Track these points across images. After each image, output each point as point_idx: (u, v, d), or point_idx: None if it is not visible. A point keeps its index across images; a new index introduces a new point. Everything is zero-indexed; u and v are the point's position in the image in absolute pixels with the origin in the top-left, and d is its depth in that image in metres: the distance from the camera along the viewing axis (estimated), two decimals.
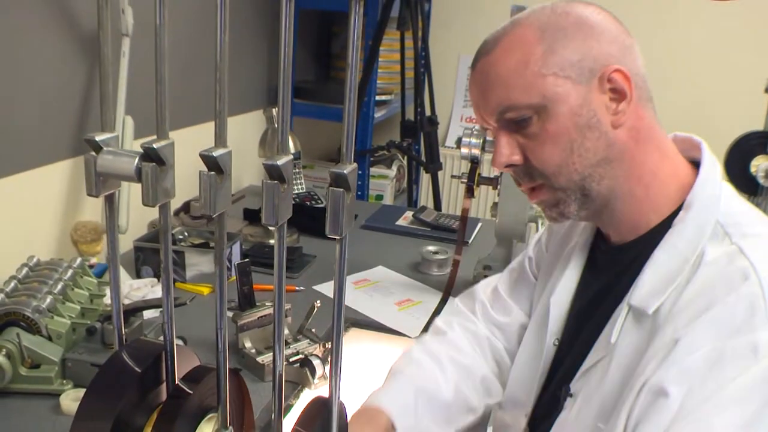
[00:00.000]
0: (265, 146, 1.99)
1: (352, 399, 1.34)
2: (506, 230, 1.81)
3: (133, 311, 1.38)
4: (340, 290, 0.69)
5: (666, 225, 0.96)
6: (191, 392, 0.74)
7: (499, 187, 1.80)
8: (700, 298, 0.88)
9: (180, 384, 0.75)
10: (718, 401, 0.81)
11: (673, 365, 0.85)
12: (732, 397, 0.81)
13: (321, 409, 0.72)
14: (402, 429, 1.12)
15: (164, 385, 0.76)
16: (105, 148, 0.71)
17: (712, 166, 0.99)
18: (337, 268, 0.68)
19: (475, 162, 1.80)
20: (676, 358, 0.85)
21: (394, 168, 3.21)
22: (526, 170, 1.00)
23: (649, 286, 0.94)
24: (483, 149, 1.79)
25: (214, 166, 0.66)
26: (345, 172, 0.62)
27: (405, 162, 3.27)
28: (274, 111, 1.98)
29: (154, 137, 0.68)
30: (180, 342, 1.31)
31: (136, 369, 0.74)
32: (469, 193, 1.81)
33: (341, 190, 0.63)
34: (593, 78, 0.95)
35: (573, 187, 0.98)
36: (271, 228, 0.63)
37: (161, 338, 0.76)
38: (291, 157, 0.64)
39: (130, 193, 1.78)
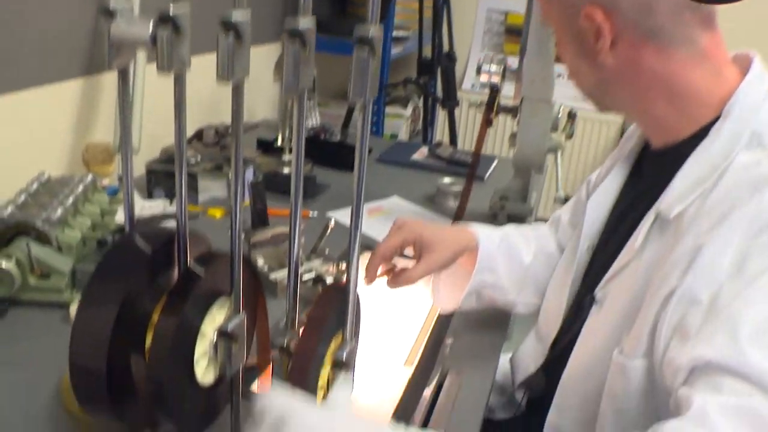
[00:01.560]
0: (281, 71, 1.95)
1: (366, 318, 1.33)
2: (525, 160, 1.77)
3: (149, 222, 1.37)
4: (360, 164, 0.66)
5: (704, 133, 0.95)
6: (202, 274, 0.72)
7: (518, 116, 1.76)
8: (724, 202, 0.86)
9: (192, 266, 0.73)
10: (748, 296, 0.79)
11: (700, 272, 0.84)
12: (762, 290, 0.79)
13: (336, 295, 0.69)
14: (483, 251, 1.25)
15: (175, 269, 0.74)
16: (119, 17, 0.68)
17: (759, 77, 0.97)
18: (358, 137, 0.65)
19: (494, 89, 1.76)
20: (702, 264, 0.84)
21: (410, 108, 3.16)
22: None
23: (676, 192, 0.93)
24: (503, 76, 1.75)
25: (233, 28, 0.63)
26: (369, 33, 0.60)
27: (420, 103, 3.22)
28: None
29: None
30: None
31: (147, 250, 0.72)
32: (488, 122, 1.78)
33: (366, 48, 0.60)
34: (576, 15, 0.97)
35: (585, 95, 1.07)
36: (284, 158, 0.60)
37: None
38: None
39: (143, 113, 1.75)
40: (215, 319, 0.73)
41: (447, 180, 2.00)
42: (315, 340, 0.65)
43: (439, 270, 1.24)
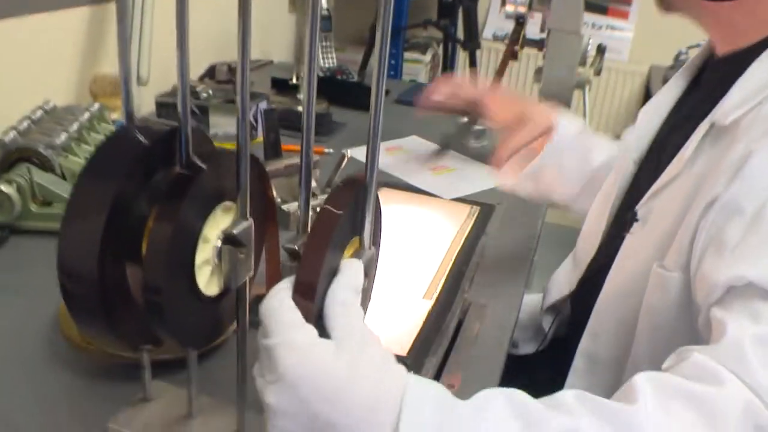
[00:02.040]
0: (296, 2, 1.87)
1: (384, 251, 1.26)
2: (550, 96, 1.69)
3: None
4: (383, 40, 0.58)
5: None
6: (205, 168, 0.65)
7: (544, 49, 1.67)
8: None
9: (194, 159, 0.66)
10: None
11: (748, 180, 0.77)
12: None
13: (351, 194, 0.62)
14: (559, 135, 1.22)
15: (176, 167, 0.67)
16: None
17: None
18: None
19: (520, 21, 1.68)
20: (750, 172, 0.77)
21: (429, 54, 3.07)
22: None
23: (734, 98, 0.85)
24: (530, 6, 1.67)
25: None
26: None
27: (440, 50, 3.12)
28: None
29: None
30: None
31: (144, 141, 0.65)
32: (512, 54, 1.70)
33: None
34: None
35: None
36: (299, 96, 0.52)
37: None
38: None
39: (153, 40, 1.68)
40: (219, 223, 0.67)
41: (467, 119, 1.92)
42: (326, 238, 0.58)
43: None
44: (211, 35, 2.23)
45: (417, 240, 1.30)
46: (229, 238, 0.66)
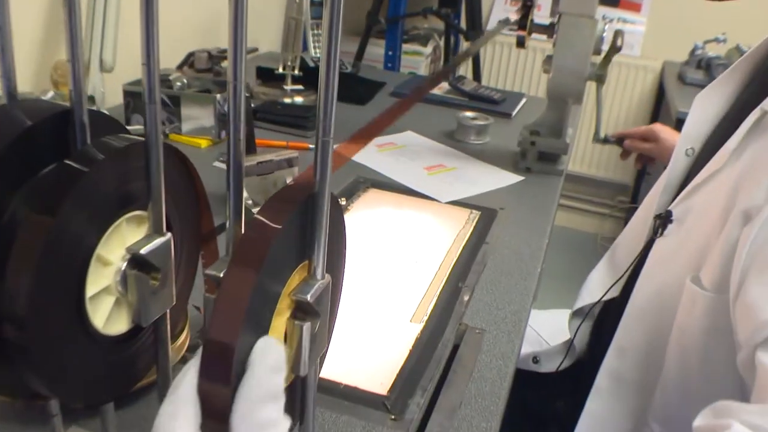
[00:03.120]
0: None
1: (365, 264, 1.09)
2: (561, 88, 1.51)
3: None
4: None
5: None
6: (101, 158, 0.47)
7: (555, 36, 1.49)
8: None
9: (89, 148, 0.49)
10: None
11: None
12: None
13: (301, 193, 0.45)
14: None
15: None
16: None
17: None
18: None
19: (528, 3, 1.50)
20: None
21: (430, 47, 2.89)
22: None
23: None
24: None
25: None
26: None
27: (442, 42, 2.95)
28: None
29: None
30: None
31: (27, 121, 0.48)
32: (519, 42, 1.52)
33: None
34: None
35: None
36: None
37: None
38: None
39: (119, 23, 1.50)
40: (125, 239, 0.50)
41: (469, 114, 1.74)
42: (253, 267, 0.41)
43: None
44: (192, 22, 2.06)
45: (406, 251, 1.13)
46: (136, 260, 0.49)
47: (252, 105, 1.68)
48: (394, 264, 1.09)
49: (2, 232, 0.46)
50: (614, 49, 1.42)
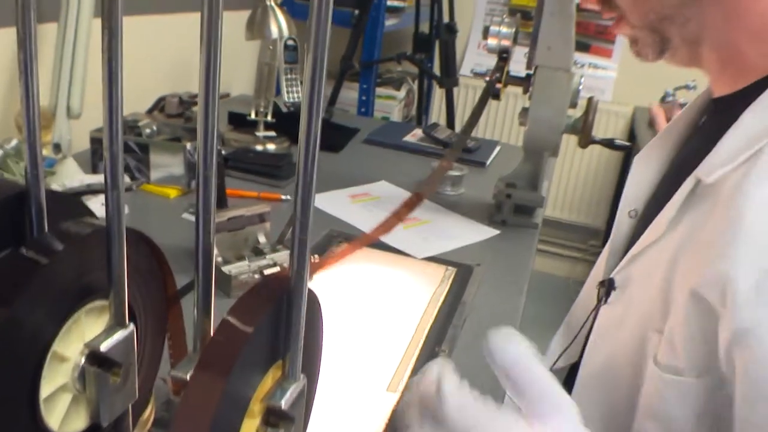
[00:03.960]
0: (254, 28, 1.67)
1: (339, 319, 1.06)
2: (537, 140, 1.50)
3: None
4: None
5: None
6: (60, 248, 0.44)
7: (531, 88, 1.48)
8: None
9: (46, 236, 0.45)
10: None
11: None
12: None
13: (273, 293, 0.42)
14: None
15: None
16: None
17: None
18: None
19: (504, 56, 1.49)
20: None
21: (403, 90, 2.88)
22: None
23: (722, 153, 0.70)
24: (515, 41, 1.48)
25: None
26: None
27: (415, 86, 2.94)
28: None
29: None
30: None
31: None
32: (493, 94, 1.51)
33: None
34: None
35: (648, 27, 0.80)
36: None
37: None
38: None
39: (88, 67, 1.47)
40: (84, 332, 0.46)
41: (442, 163, 1.72)
42: (221, 374, 0.37)
43: None
44: (163, 66, 2.03)
45: (381, 312, 1.09)
46: (95, 356, 0.45)
47: (223, 152, 1.64)
48: (368, 326, 1.05)
49: None
50: (591, 114, 1.41)
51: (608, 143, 1.58)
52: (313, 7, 0.34)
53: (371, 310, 1.10)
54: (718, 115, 0.81)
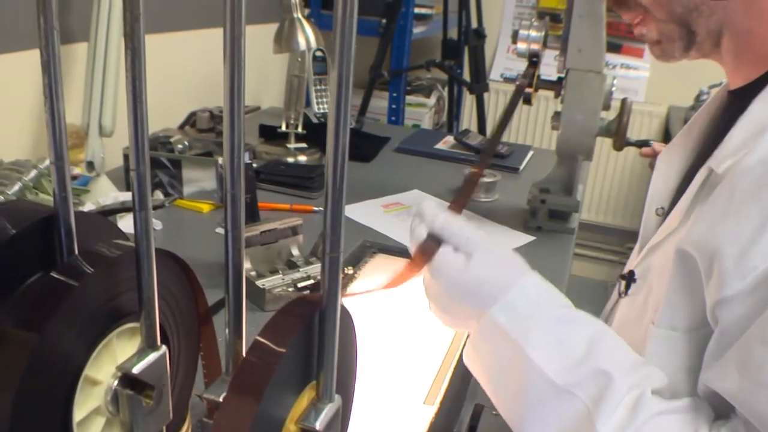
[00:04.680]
0: (281, 41, 1.67)
1: (373, 332, 1.04)
2: (570, 144, 1.48)
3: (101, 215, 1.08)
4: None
5: None
6: (90, 271, 0.43)
7: (563, 92, 1.47)
8: None
9: (76, 259, 0.45)
10: None
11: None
12: None
13: (307, 311, 0.41)
14: None
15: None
16: None
17: None
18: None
19: (534, 60, 1.48)
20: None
21: (433, 98, 2.87)
22: None
23: (732, 142, 0.70)
24: (545, 44, 1.47)
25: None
26: None
27: (445, 92, 2.93)
28: None
29: None
30: None
31: (9, 229, 0.44)
32: (525, 98, 1.49)
33: None
34: None
35: (676, 20, 0.79)
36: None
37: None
38: None
39: (119, 86, 1.48)
40: (116, 355, 0.45)
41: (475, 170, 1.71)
42: (254, 396, 0.36)
43: None
44: (193, 81, 2.04)
45: (415, 324, 1.08)
46: (127, 379, 0.45)
47: (255, 166, 1.64)
48: (403, 339, 1.04)
49: None
50: (625, 117, 1.40)
51: (643, 144, 1.56)
52: (337, 19, 0.33)
53: (405, 322, 1.09)
54: (733, 107, 0.80)
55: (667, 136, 3.32)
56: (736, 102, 0.79)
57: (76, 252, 0.45)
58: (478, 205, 1.63)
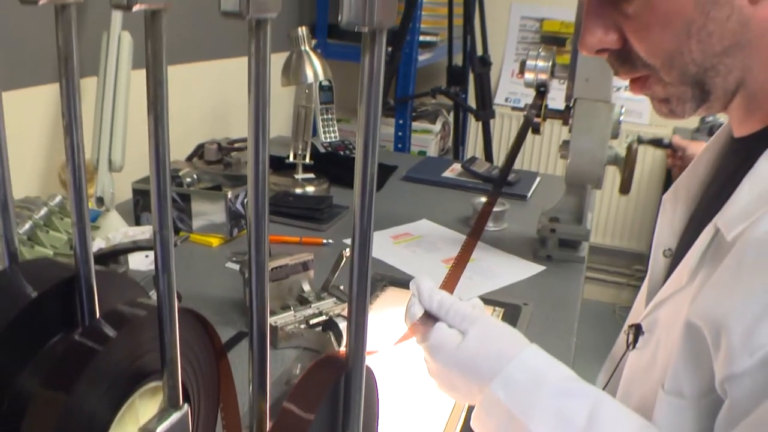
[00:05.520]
0: (289, 73, 1.68)
1: (385, 371, 1.04)
2: (579, 173, 1.48)
3: (111, 255, 1.09)
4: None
5: None
6: (113, 335, 0.43)
7: (571, 121, 1.47)
8: None
9: (99, 322, 0.45)
10: None
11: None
12: None
13: (333, 374, 0.41)
14: None
15: (76, 331, 0.46)
16: None
17: None
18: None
19: (542, 90, 1.48)
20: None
21: (439, 123, 2.87)
22: (624, 56, 0.75)
23: (741, 203, 0.67)
24: (552, 74, 1.47)
25: None
26: None
27: (451, 118, 2.93)
28: (300, 30, 1.67)
29: None
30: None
31: (30, 291, 0.44)
32: (533, 128, 1.49)
33: None
34: None
35: (689, 81, 0.72)
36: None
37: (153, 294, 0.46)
38: None
39: (128, 122, 1.48)
40: (139, 414, 0.45)
41: (484, 199, 1.71)
42: None
43: None
44: (201, 112, 2.05)
45: (422, 384, 1.07)
46: None
47: None
48: (417, 376, 1.04)
49: (10, 408, 0.42)
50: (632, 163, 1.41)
51: (657, 143, 1.58)
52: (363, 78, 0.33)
53: (419, 358, 1.08)
54: (738, 155, 0.78)
55: None
56: (741, 151, 0.76)
57: (98, 312, 0.45)
58: (487, 234, 1.62)
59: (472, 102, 2.80)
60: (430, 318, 0.77)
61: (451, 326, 0.76)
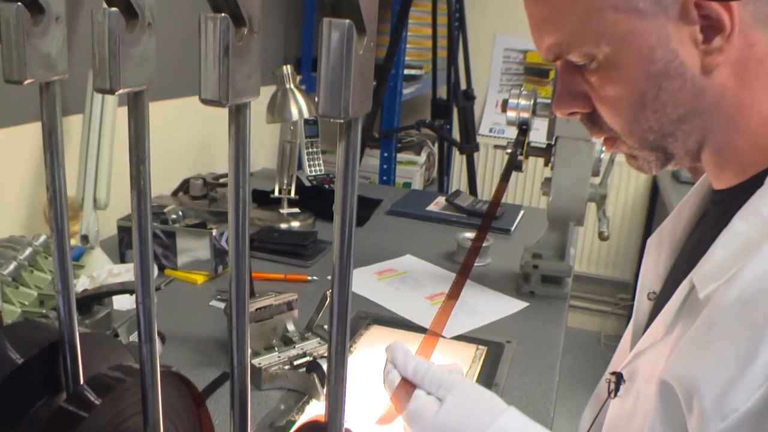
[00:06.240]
0: (274, 111, 1.69)
1: (368, 416, 1.04)
2: (561, 211, 1.50)
3: (95, 297, 1.09)
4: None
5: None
6: (97, 402, 0.44)
7: (552, 159, 1.49)
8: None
9: (84, 389, 0.46)
10: None
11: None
12: None
13: None
14: None
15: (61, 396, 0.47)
16: None
17: None
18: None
19: (524, 128, 1.50)
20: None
21: (424, 155, 2.89)
22: (593, 119, 0.78)
23: (715, 260, 0.68)
24: (534, 112, 1.49)
25: None
26: None
27: (435, 149, 2.96)
28: (285, 69, 1.68)
29: None
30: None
31: (16, 358, 0.45)
32: (516, 166, 1.51)
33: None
34: (673, 5, 0.67)
35: (648, 147, 0.76)
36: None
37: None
38: None
39: (113, 160, 1.49)
40: None
41: (468, 235, 1.72)
42: None
43: None
44: (186, 147, 2.06)
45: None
46: None
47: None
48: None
49: None
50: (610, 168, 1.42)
51: None
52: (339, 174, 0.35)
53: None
54: (718, 208, 0.79)
55: (655, 187, 3.35)
56: (720, 204, 0.78)
57: (81, 377, 0.46)
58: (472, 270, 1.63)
59: (456, 135, 2.82)
60: (409, 384, 0.79)
61: (429, 393, 0.78)
